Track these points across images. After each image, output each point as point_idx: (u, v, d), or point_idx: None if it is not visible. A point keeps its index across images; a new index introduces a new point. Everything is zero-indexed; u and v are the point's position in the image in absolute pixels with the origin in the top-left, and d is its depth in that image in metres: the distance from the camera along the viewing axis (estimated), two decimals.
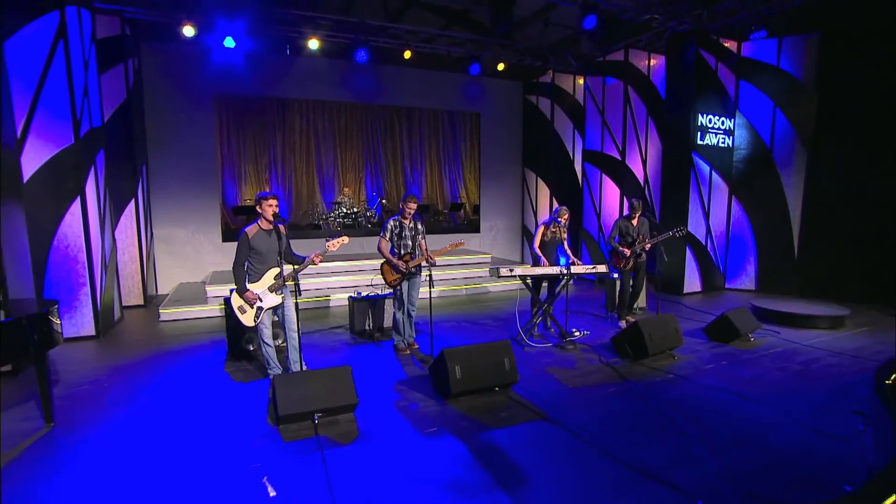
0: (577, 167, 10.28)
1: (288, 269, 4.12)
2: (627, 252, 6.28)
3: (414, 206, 5.15)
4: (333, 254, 4.48)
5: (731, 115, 8.49)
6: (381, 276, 5.21)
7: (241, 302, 4.05)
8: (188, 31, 7.73)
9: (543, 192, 11.11)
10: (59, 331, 3.55)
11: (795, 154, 8.21)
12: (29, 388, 4.17)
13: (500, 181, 11.64)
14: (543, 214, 11.10)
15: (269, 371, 4.31)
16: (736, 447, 3.26)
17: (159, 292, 8.54)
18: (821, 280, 8.03)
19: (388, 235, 5.12)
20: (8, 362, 3.13)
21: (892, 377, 4.00)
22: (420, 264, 5.17)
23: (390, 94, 10.65)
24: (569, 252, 6.03)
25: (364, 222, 11.12)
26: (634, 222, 6.31)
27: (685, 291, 8.42)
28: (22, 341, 3.16)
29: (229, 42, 7.95)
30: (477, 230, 11.51)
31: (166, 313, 6.79)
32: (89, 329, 5.83)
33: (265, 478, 2.83)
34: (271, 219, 4.02)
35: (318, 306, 7.71)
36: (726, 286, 8.95)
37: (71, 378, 4.55)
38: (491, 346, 4.18)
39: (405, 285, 5.18)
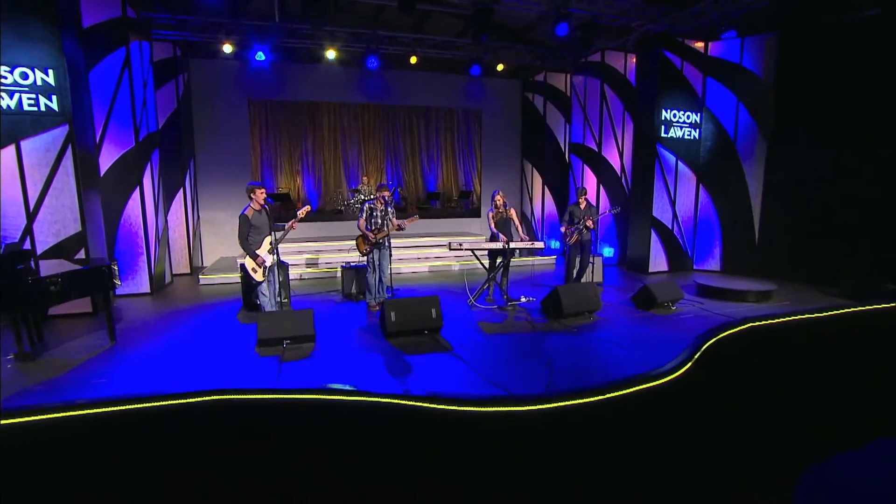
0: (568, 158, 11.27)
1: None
2: (573, 231, 7.36)
3: (385, 194, 6.55)
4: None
5: (697, 110, 9.22)
6: (356, 249, 6.66)
7: (254, 264, 5.60)
8: (227, 48, 9.43)
9: (537, 181, 12.15)
10: (118, 278, 5.25)
11: (756, 146, 8.87)
12: (101, 323, 5.92)
13: (501, 171, 12.80)
14: (537, 201, 12.16)
15: None
16: (580, 372, 4.42)
17: (204, 264, 10.43)
18: (778, 262, 8.71)
19: (364, 216, 6.55)
20: (92, 293, 4.81)
21: (710, 341, 5.09)
22: (387, 236, 6.55)
23: (404, 95, 12.05)
24: (519, 231, 7.13)
25: None
26: (581, 206, 7.35)
27: (650, 270, 9.32)
28: (96, 281, 4.85)
29: (260, 56, 9.56)
30: (478, 215, 12.74)
31: (205, 278, 8.57)
32: (145, 288, 7.64)
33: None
34: (262, 202, 5.51)
35: (327, 276, 9.27)
36: (694, 267, 9.74)
37: (130, 318, 6.30)
38: (421, 299, 5.51)
39: (376, 255, 6.58)
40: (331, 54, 10.20)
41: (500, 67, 11.70)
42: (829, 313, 5.47)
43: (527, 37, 11.37)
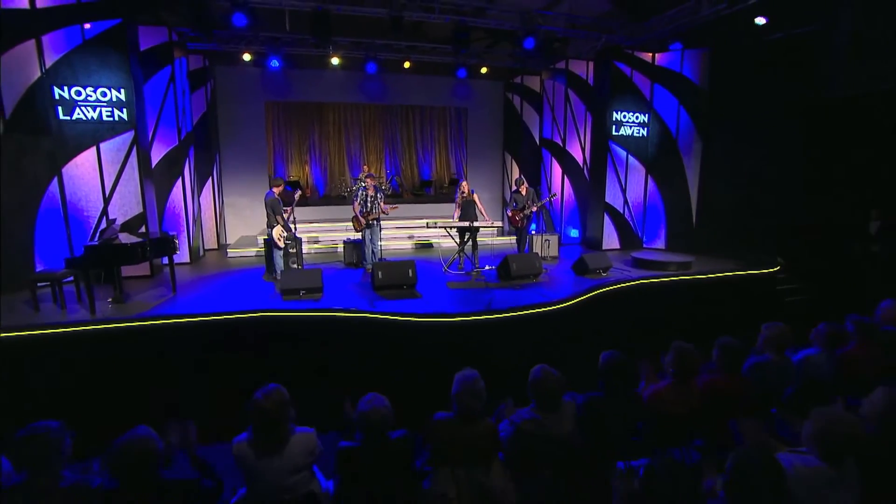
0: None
1: None
2: (519, 214, 9.05)
3: (370, 181, 8.36)
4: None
5: (646, 112, 10.86)
6: (352, 226, 8.50)
7: (282, 234, 7.45)
8: (246, 57, 11.16)
9: (516, 171, 13.86)
10: (178, 245, 7.10)
11: (694, 143, 10.51)
12: (159, 282, 7.80)
13: (486, 162, 14.55)
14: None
15: None
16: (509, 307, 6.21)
17: (227, 241, 12.31)
18: (710, 240, 10.39)
19: (358, 200, 8.36)
20: (162, 255, 6.68)
21: (598, 290, 6.81)
22: (378, 217, 8.36)
23: (401, 95, 13.75)
24: (483, 213, 8.82)
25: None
26: (523, 192, 9.03)
27: (604, 248, 11.02)
28: (165, 247, 6.72)
29: (274, 63, 11.29)
30: None
31: (232, 251, 10.45)
32: (186, 259, 9.46)
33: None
34: (281, 190, 7.36)
35: (333, 250, 11.11)
36: (644, 245, 11.44)
37: (181, 279, 8.12)
38: (402, 262, 7.32)
39: (368, 232, 8.41)
40: (335, 61, 11.89)
41: (483, 70, 13.33)
42: (709, 276, 7.20)
43: (515, 37, 12.87)
